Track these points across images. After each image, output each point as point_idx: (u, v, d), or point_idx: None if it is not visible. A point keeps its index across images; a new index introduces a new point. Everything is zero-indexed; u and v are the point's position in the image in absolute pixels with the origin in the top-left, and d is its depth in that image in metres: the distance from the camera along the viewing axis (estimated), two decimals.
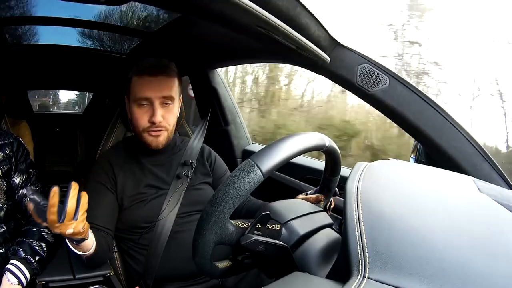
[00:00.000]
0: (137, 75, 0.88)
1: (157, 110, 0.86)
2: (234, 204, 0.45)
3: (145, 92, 0.86)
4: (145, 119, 0.88)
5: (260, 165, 0.46)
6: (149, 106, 0.87)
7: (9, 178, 0.88)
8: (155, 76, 0.87)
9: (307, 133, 0.55)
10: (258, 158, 0.46)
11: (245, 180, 0.45)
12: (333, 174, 0.68)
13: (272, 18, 0.54)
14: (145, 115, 0.88)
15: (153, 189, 0.91)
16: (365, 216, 0.39)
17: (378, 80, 0.72)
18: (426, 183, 0.49)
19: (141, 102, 0.87)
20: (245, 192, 0.45)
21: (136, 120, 0.89)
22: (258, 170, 0.45)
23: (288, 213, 0.54)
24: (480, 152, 0.69)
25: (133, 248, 0.90)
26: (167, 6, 0.84)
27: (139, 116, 0.88)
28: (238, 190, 0.45)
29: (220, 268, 0.53)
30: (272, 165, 0.46)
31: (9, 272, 0.76)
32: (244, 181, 0.45)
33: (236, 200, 0.45)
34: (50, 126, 2.59)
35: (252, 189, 0.46)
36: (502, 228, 0.40)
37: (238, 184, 0.45)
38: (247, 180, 0.45)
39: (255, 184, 0.45)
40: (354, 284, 0.33)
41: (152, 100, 0.87)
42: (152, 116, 0.86)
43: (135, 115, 0.89)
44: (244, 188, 0.45)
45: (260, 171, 0.45)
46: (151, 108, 0.87)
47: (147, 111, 0.88)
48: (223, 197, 0.45)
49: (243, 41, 0.96)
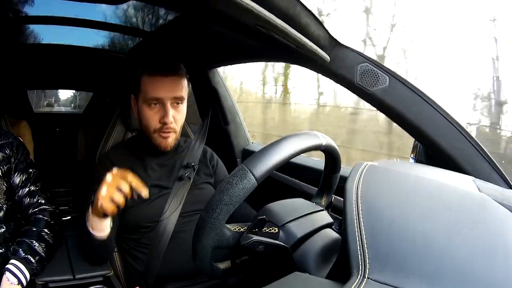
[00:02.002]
0: (149, 74, 0.87)
1: (169, 111, 0.86)
2: (229, 210, 0.45)
3: (158, 93, 0.86)
4: (156, 120, 0.88)
5: (253, 170, 0.45)
6: (160, 106, 0.87)
7: (9, 178, 0.88)
8: (167, 77, 0.87)
9: (302, 133, 0.54)
10: (251, 163, 0.46)
11: (239, 186, 0.45)
12: (333, 171, 0.68)
13: (272, 17, 0.54)
14: (156, 116, 0.87)
15: (156, 189, 0.91)
16: (365, 216, 0.39)
17: (378, 80, 0.72)
18: (426, 183, 0.49)
19: (152, 102, 0.87)
20: (238, 198, 0.45)
21: (146, 120, 0.89)
22: (251, 175, 0.45)
23: (285, 215, 0.54)
24: (480, 152, 0.69)
25: (135, 247, 0.90)
26: (167, 5, 0.84)
27: (150, 116, 0.88)
28: (232, 196, 0.45)
29: (221, 269, 0.53)
30: (266, 170, 0.46)
31: (8, 272, 0.76)
32: (237, 187, 0.45)
33: (230, 206, 0.45)
34: (50, 126, 2.59)
35: (246, 195, 0.46)
36: (502, 228, 0.40)
37: (231, 191, 0.45)
38: (240, 187, 0.45)
39: (248, 190, 0.45)
40: (354, 284, 0.33)
41: (164, 101, 0.86)
42: (164, 116, 0.86)
43: (145, 115, 0.89)
44: (238, 195, 0.45)
45: (253, 177, 0.45)
46: (162, 109, 0.87)
47: (158, 111, 0.87)
48: (218, 204, 0.45)
49: (243, 40, 0.96)
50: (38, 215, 0.88)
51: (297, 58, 0.84)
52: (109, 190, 0.70)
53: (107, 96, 2.14)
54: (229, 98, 1.50)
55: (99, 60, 1.65)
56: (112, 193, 0.69)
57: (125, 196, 0.71)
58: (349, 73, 0.74)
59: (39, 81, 2.26)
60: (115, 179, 0.71)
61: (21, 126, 1.63)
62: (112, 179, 0.71)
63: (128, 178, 0.70)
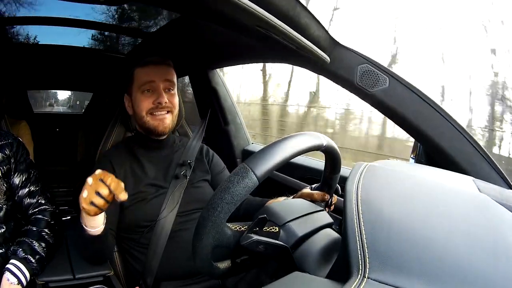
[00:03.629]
0: (141, 66, 0.94)
1: (162, 92, 0.91)
2: (230, 209, 0.45)
3: (150, 76, 0.91)
4: (150, 102, 0.92)
5: (255, 169, 0.46)
6: (152, 92, 0.92)
7: (9, 178, 0.88)
8: (159, 64, 0.94)
9: (303, 133, 0.55)
10: (252, 162, 0.46)
11: (240, 185, 0.45)
12: (333, 172, 0.68)
13: (272, 18, 0.54)
14: (149, 99, 0.92)
15: (153, 187, 0.91)
16: (365, 216, 0.39)
17: (378, 80, 0.72)
18: (426, 183, 0.49)
19: (145, 87, 0.92)
20: (240, 197, 0.45)
21: (139, 105, 0.93)
22: (252, 174, 0.45)
23: (286, 215, 0.54)
24: (480, 152, 0.69)
25: (134, 247, 0.90)
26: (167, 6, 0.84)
27: (143, 101, 0.92)
28: (233, 195, 0.45)
29: (221, 269, 0.53)
30: (267, 169, 0.46)
31: (8, 272, 0.76)
32: (239, 186, 0.45)
33: (231, 205, 0.45)
34: (50, 126, 2.59)
35: (248, 193, 0.46)
36: (502, 228, 0.40)
37: (233, 189, 0.45)
38: (241, 185, 0.45)
39: (250, 189, 0.46)
40: (354, 284, 0.33)
41: (157, 84, 0.91)
42: (158, 97, 0.91)
43: (139, 101, 0.93)
44: (239, 193, 0.45)
45: (254, 176, 0.45)
46: (155, 92, 0.92)
47: (151, 95, 0.92)
48: (219, 202, 0.45)
49: (243, 41, 0.96)
50: (38, 215, 0.88)
51: (297, 59, 0.84)
52: (89, 193, 0.67)
53: (107, 96, 2.14)
54: (229, 98, 1.50)
55: (99, 61, 1.65)
56: (92, 196, 0.67)
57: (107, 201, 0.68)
58: (349, 74, 0.74)
59: (40, 81, 2.26)
60: (95, 181, 0.68)
61: (21, 126, 1.63)
62: (92, 182, 0.68)
63: (107, 181, 0.67)
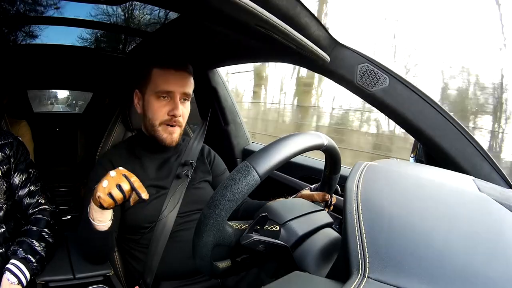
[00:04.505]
0: (161, 67, 0.88)
1: (178, 104, 0.88)
2: (232, 206, 0.45)
3: (169, 86, 0.87)
4: (164, 112, 0.88)
5: (257, 167, 0.46)
6: (168, 99, 0.88)
7: (9, 178, 0.88)
8: (179, 71, 0.88)
9: (304, 133, 0.55)
10: (254, 160, 0.47)
11: (242, 182, 0.45)
12: (333, 172, 0.68)
13: (272, 17, 0.54)
14: (164, 108, 0.88)
15: (154, 189, 0.91)
16: (365, 215, 0.39)
17: (378, 80, 0.72)
18: (426, 183, 0.49)
19: (162, 94, 0.88)
20: (242, 194, 0.45)
21: (153, 112, 0.89)
22: (254, 172, 0.45)
23: (286, 214, 0.54)
24: (480, 152, 0.69)
25: (135, 248, 0.90)
26: (167, 6, 0.84)
27: (158, 108, 0.88)
28: (235, 192, 0.45)
29: (221, 268, 0.53)
30: (269, 167, 0.46)
31: (9, 272, 0.76)
32: (241, 183, 0.45)
33: (233, 203, 0.45)
34: (50, 126, 2.59)
35: (249, 191, 0.46)
36: (502, 228, 0.40)
37: (235, 187, 0.45)
38: (244, 183, 0.45)
39: (252, 187, 0.46)
40: (354, 284, 0.33)
41: (175, 94, 0.87)
42: (174, 109, 0.87)
43: (152, 107, 0.89)
44: (241, 191, 0.45)
45: (256, 174, 0.45)
46: (171, 102, 0.88)
47: (166, 104, 0.88)
48: (221, 200, 0.45)
49: (243, 41, 0.96)
50: (38, 215, 0.88)
51: (297, 58, 0.84)
52: (110, 184, 0.71)
53: (107, 96, 2.15)
54: (229, 98, 1.50)
55: (99, 60, 1.65)
56: (111, 188, 0.70)
57: (124, 196, 0.71)
58: (349, 73, 0.74)
59: (40, 81, 2.26)
60: (119, 175, 0.72)
61: (21, 126, 1.63)
62: (116, 175, 0.72)
63: (132, 178, 0.71)
